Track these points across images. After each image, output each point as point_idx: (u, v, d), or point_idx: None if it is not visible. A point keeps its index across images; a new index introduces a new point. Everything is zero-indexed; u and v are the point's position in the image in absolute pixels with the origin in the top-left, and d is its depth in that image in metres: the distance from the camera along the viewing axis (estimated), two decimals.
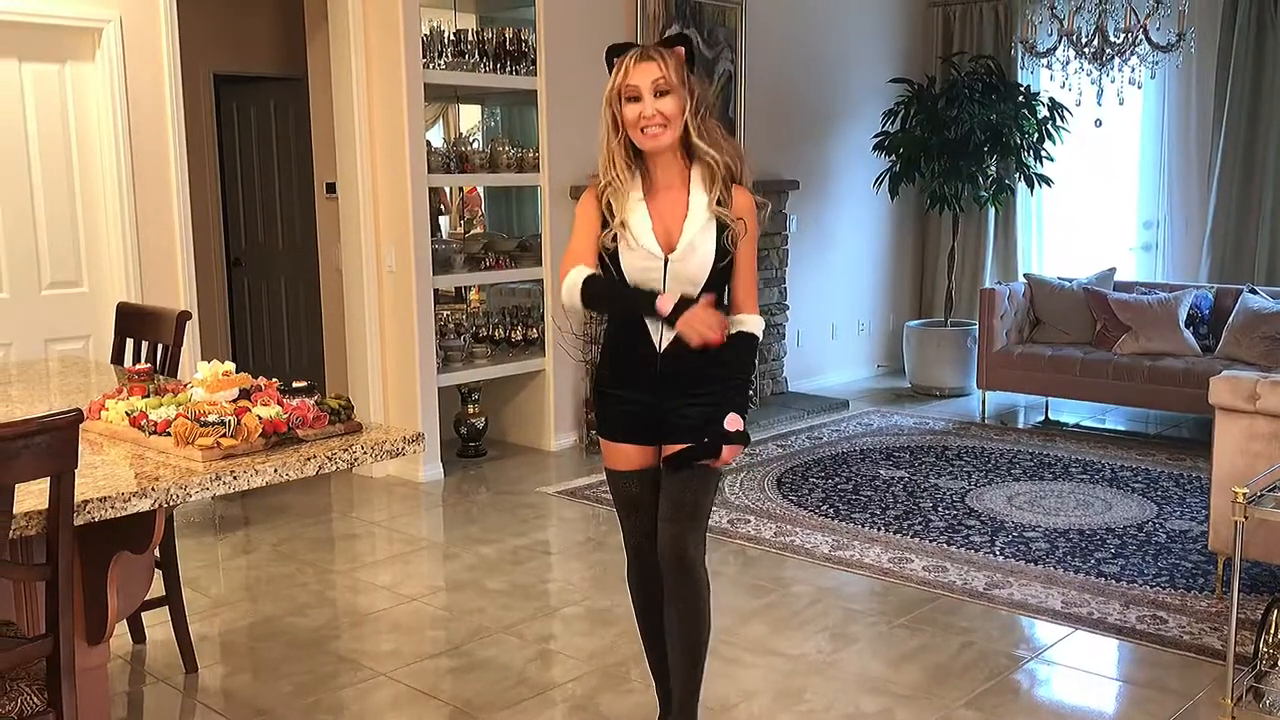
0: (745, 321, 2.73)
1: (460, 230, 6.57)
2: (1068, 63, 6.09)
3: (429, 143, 5.64)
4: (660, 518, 2.75)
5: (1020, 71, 7.75)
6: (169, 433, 2.36)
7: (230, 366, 2.60)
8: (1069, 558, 4.41)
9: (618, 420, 2.80)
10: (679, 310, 2.55)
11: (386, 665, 3.55)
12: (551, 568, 4.50)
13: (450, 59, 5.72)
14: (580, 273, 2.67)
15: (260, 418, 2.38)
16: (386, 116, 5.47)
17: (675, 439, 2.71)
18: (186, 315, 3.40)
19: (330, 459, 2.37)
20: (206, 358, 5.39)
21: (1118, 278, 7.05)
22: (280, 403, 2.49)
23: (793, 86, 7.33)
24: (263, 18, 6.88)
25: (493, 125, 6.70)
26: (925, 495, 5.27)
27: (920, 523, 4.86)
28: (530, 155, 6.08)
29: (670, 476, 2.72)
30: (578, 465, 5.91)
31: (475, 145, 6.27)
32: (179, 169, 4.87)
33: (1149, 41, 5.95)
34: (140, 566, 2.50)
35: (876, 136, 7.42)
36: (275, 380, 2.65)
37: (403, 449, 2.51)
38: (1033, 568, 4.32)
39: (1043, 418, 7.04)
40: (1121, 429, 6.76)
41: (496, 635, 3.78)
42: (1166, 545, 4.55)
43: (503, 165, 6.02)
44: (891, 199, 7.58)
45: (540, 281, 6.16)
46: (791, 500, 5.20)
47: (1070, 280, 7.03)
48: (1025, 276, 7.30)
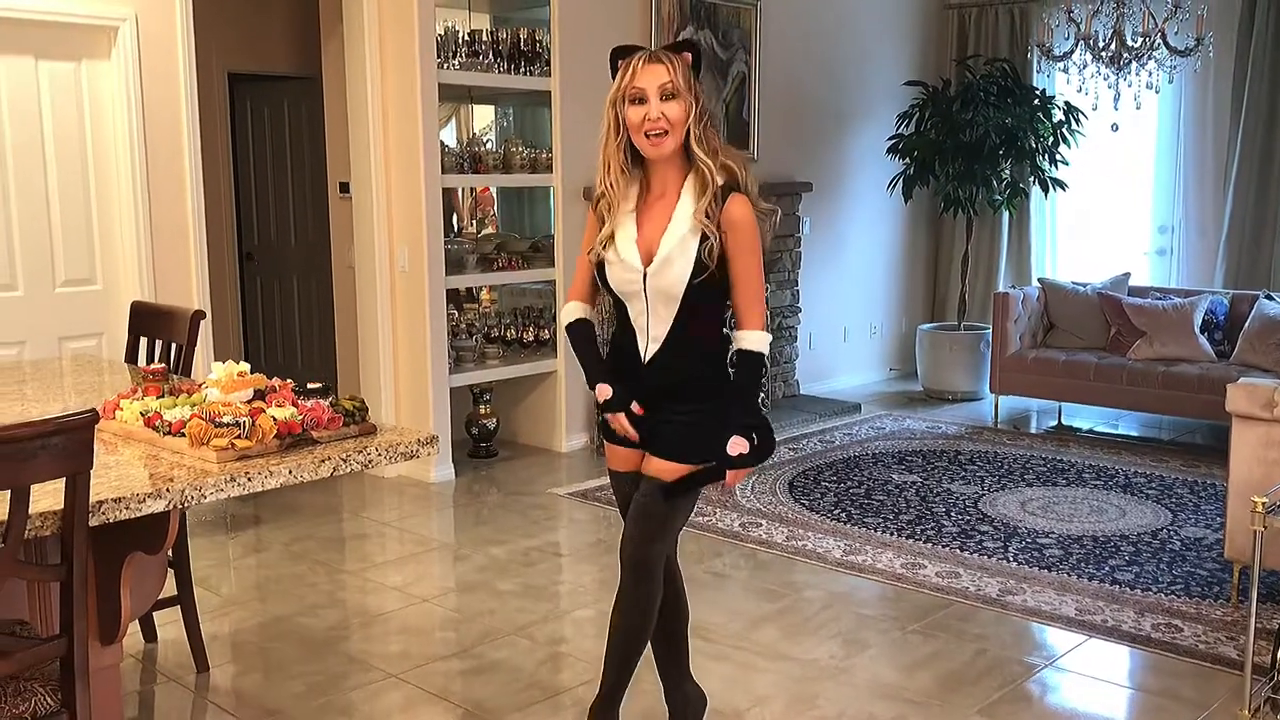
0: (743, 339, 2.64)
1: (473, 230, 6.56)
2: (1085, 66, 6.05)
3: (442, 143, 5.63)
4: (628, 522, 2.77)
5: (1036, 75, 7.72)
6: (184, 433, 2.36)
7: (245, 367, 2.59)
8: (1083, 564, 4.38)
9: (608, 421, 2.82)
10: (607, 407, 2.73)
11: (397, 666, 3.55)
12: (562, 569, 4.49)
13: (464, 59, 5.72)
14: (570, 313, 2.85)
15: (275, 419, 2.37)
16: (401, 116, 5.47)
17: (653, 447, 2.71)
18: (200, 314, 3.40)
19: (345, 461, 2.36)
20: (218, 354, 5.42)
21: (1132, 282, 7.02)
22: (295, 404, 2.48)
23: (807, 88, 7.32)
24: (277, 17, 6.89)
25: (505, 125, 6.69)
26: (938, 500, 5.24)
27: (933, 528, 4.84)
28: (544, 156, 6.08)
29: (644, 484, 2.73)
30: (589, 466, 5.90)
31: (489, 145, 6.26)
32: (193, 167, 4.87)
33: (1167, 46, 5.92)
34: (153, 566, 2.49)
35: (891, 139, 7.40)
36: (290, 381, 2.64)
37: (417, 451, 2.50)
38: (1046, 574, 4.29)
39: (1055, 423, 7.01)
40: (1135, 435, 6.73)
41: (508, 637, 3.77)
42: (1181, 553, 4.52)
43: (516, 166, 6.01)
44: (905, 202, 7.55)
45: (553, 283, 6.15)
46: (803, 504, 5.18)
47: (1084, 285, 7.00)
48: (1039, 281, 7.27)
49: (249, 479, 2.21)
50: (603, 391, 2.73)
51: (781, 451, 6.15)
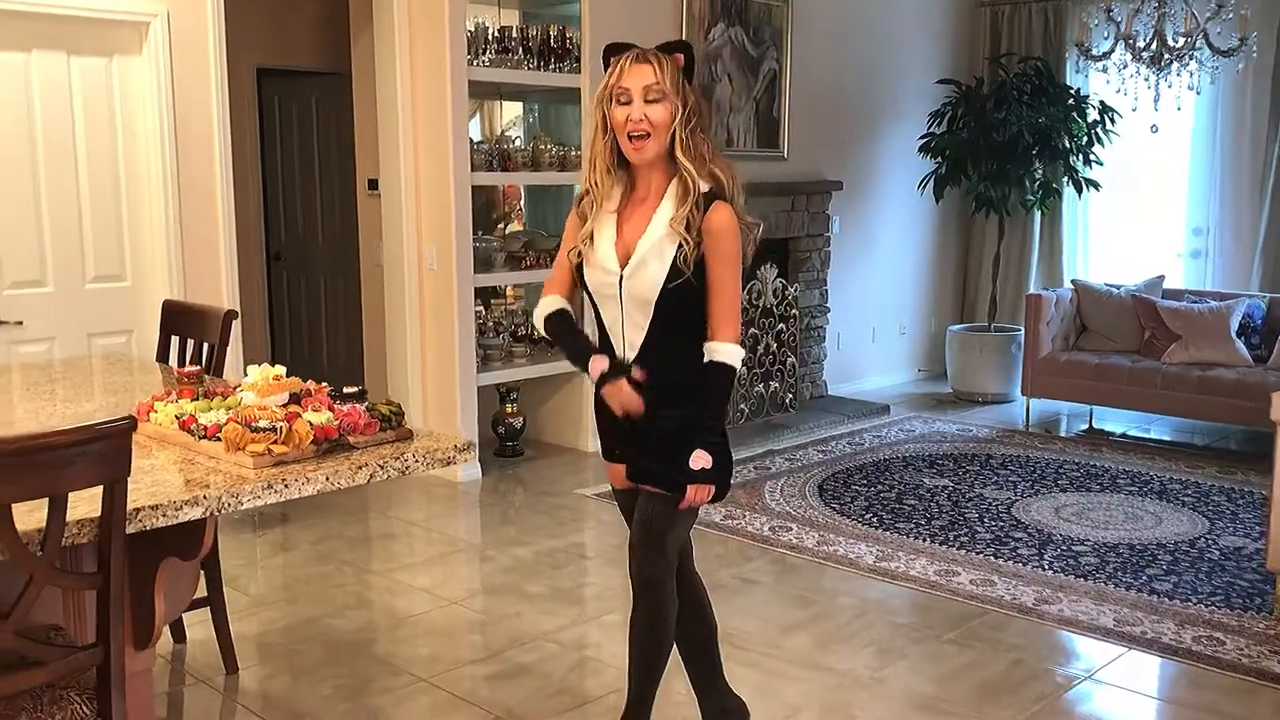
0: (716, 350, 2.57)
1: (500, 226, 6.53)
2: (1124, 66, 5.95)
3: (471, 140, 5.60)
4: (632, 536, 2.76)
5: (1070, 73, 7.62)
6: (219, 437, 2.33)
7: (281, 370, 2.56)
8: (1119, 573, 4.31)
9: (605, 438, 2.82)
10: (604, 378, 2.60)
11: (425, 670, 3.52)
12: (589, 572, 4.45)
13: (494, 55, 5.68)
14: (547, 305, 2.74)
15: (311, 424, 2.34)
16: (430, 114, 5.44)
17: (640, 457, 2.67)
18: (233, 314, 3.37)
19: (382, 468, 2.33)
20: (246, 352, 5.40)
21: (1166, 285, 6.93)
22: (331, 408, 2.45)
23: (838, 86, 7.24)
24: (306, 12, 6.87)
25: (530, 122, 6.65)
26: (970, 505, 5.18)
27: (966, 534, 4.78)
28: (573, 154, 6.03)
29: (641, 498, 2.72)
30: None
31: (517, 143, 6.22)
32: (223, 163, 4.85)
33: (1210, 46, 5.81)
34: (187, 571, 2.46)
35: (922, 138, 7.32)
36: (325, 385, 2.61)
37: (454, 458, 2.47)
38: (1082, 583, 4.22)
39: (1086, 426, 6.93)
40: (1168, 439, 6.64)
41: (535, 641, 3.73)
42: (1220, 563, 4.44)
43: (544, 164, 5.97)
44: (936, 202, 7.47)
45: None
46: (834, 508, 5.13)
47: (1118, 287, 6.91)
48: (1073, 283, 7.18)
49: (285, 485, 2.18)
50: (599, 363, 2.62)
51: (810, 454, 6.09)
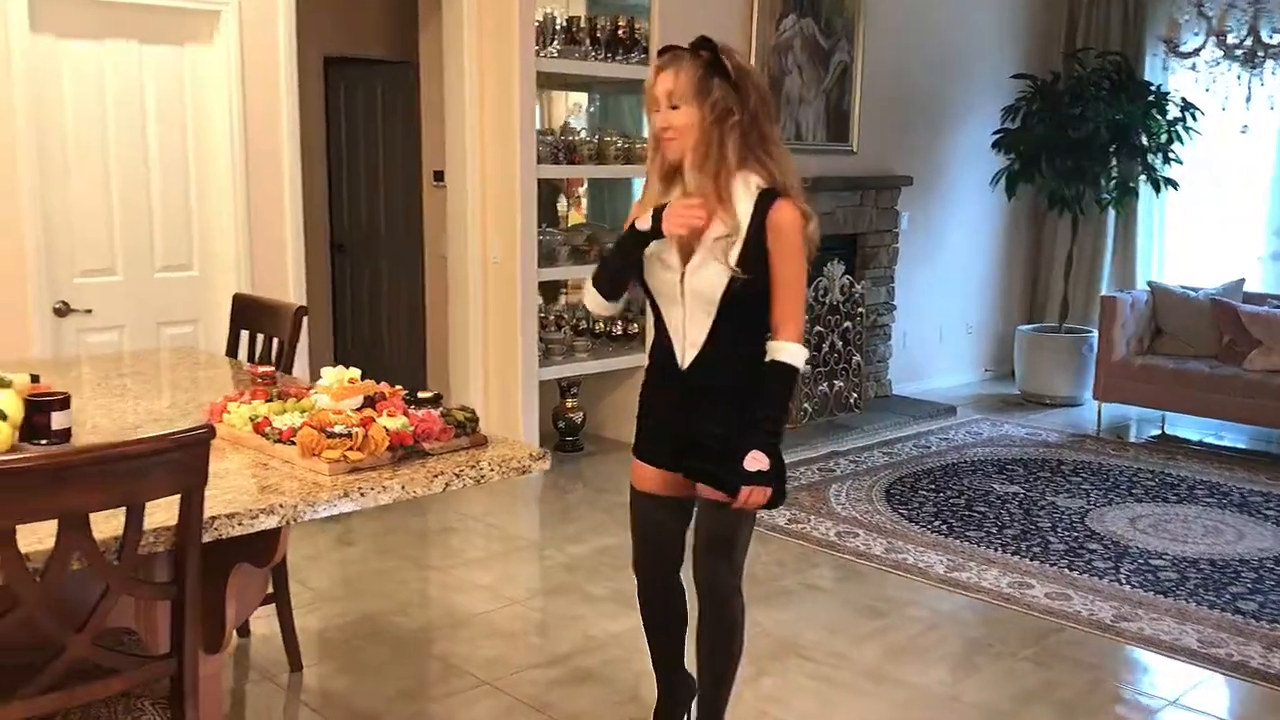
0: (779, 349, 2.54)
1: (566, 210, 6.45)
2: (1215, 64, 5.75)
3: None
4: (696, 550, 2.70)
5: (1149, 69, 7.40)
6: (293, 441, 2.28)
7: (356, 373, 2.51)
8: (1201, 590, 4.17)
9: (646, 440, 2.75)
10: (658, 220, 2.50)
11: (490, 673, 3.47)
12: None
13: (561, 46, 5.61)
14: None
15: (387, 429, 2.29)
16: (498, 105, 5.38)
17: (696, 461, 2.61)
18: (304, 311, 3.34)
19: (458, 476, 2.27)
20: (310, 342, 5.37)
21: (1246, 288, 6.71)
22: (406, 413, 2.39)
23: (910, 79, 7.09)
24: (375, 0, 6.84)
25: (592, 113, 6.58)
26: (1043, 514, 5.04)
27: (1039, 544, 4.65)
28: (637, 146, 5.95)
29: (702, 508, 2.66)
30: None
31: (581, 134, 6.15)
32: (291, 154, 4.83)
33: None
34: (258, 576, 2.43)
35: (996, 133, 7.15)
36: (400, 388, 2.56)
37: (529, 466, 2.40)
38: (1162, 600, 4.08)
39: (1158, 431, 6.74)
40: (1244, 447, 6.43)
41: (601, 646, 3.67)
42: None
43: (610, 156, 5.90)
44: (1008, 198, 7.30)
45: None
46: (901, 514, 5.01)
47: (1196, 290, 6.71)
48: (1149, 284, 6.98)
49: (362, 494, 2.13)
50: (644, 220, 2.52)
51: (876, 456, 5.98)
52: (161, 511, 1.90)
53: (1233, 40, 5.70)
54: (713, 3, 5.91)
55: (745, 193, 2.51)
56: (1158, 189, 7.00)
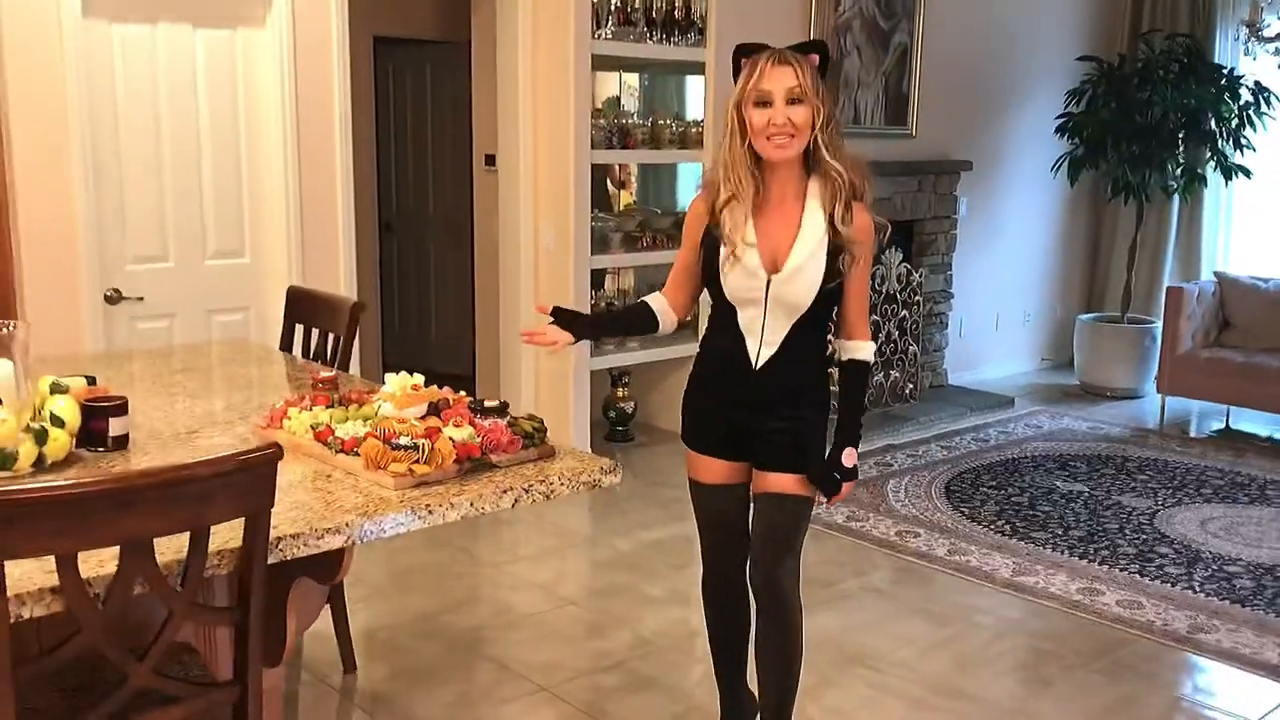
0: (859, 349, 2.63)
1: (618, 193, 6.33)
2: None
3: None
4: (754, 545, 2.68)
5: (1220, 52, 7.15)
6: (356, 452, 2.20)
7: (419, 379, 2.43)
8: None
9: (706, 432, 2.69)
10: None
11: (548, 678, 3.39)
12: None
13: (616, 27, 5.47)
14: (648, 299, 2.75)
15: (453, 441, 2.20)
16: (551, 88, 5.26)
17: (766, 460, 2.61)
18: (360, 306, 3.25)
19: (527, 491, 2.18)
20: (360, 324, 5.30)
21: None
22: (472, 423, 2.30)
23: (972, 61, 6.89)
24: None
25: (643, 95, 6.43)
26: (1109, 514, 4.89)
27: (1107, 547, 4.50)
28: (693, 131, 5.82)
29: (763, 502, 2.63)
30: None
31: (634, 118, 6.02)
32: (343, 138, 4.74)
33: None
34: (318, 588, 2.35)
35: (1059, 117, 6.94)
36: (465, 395, 2.46)
37: (599, 480, 2.31)
38: (1240, 610, 3.93)
39: (1222, 426, 6.55)
40: None
41: (660, 651, 3.59)
42: None
43: (664, 141, 5.77)
44: (1070, 185, 7.09)
45: None
46: (963, 513, 4.88)
47: (1266, 280, 6.49)
48: (1216, 275, 6.77)
49: (430, 511, 2.04)
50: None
51: (934, 450, 5.84)
52: (224, 531, 1.82)
53: None
54: None
55: (824, 195, 2.51)
56: (1228, 177, 6.77)
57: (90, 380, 2.45)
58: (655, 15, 5.59)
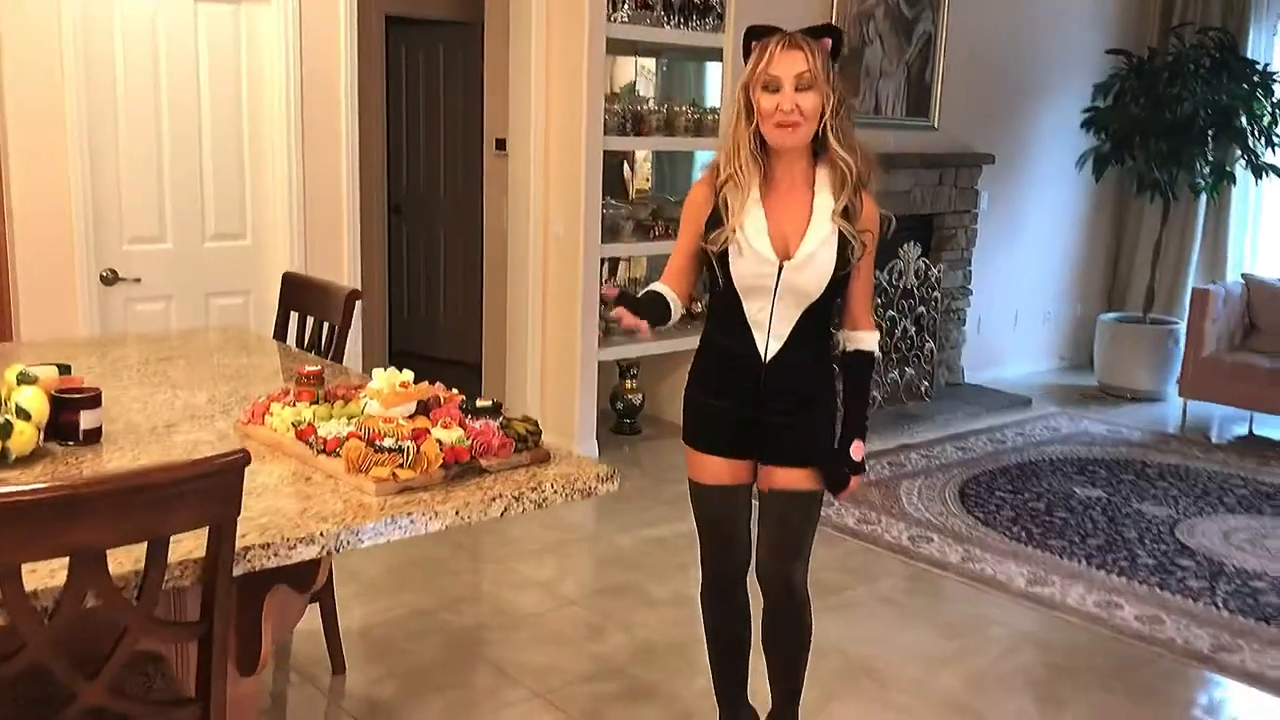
0: (864, 339, 2.59)
1: (630, 176, 6.17)
2: None
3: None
4: (763, 543, 2.61)
5: (1254, 47, 6.96)
6: (338, 453, 2.07)
7: (408, 376, 2.30)
8: None
9: (709, 429, 2.59)
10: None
11: (544, 684, 3.27)
12: None
13: (632, 11, 5.33)
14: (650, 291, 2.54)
15: (441, 443, 2.07)
16: (565, 71, 5.12)
17: (775, 455, 2.54)
18: (357, 295, 3.12)
19: (517, 499, 2.05)
20: (365, 307, 5.18)
21: None
22: (463, 424, 2.17)
23: (996, 52, 6.71)
24: None
25: (659, 80, 6.28)
26: (1128, 523, 4.74)
27: (1125, 557, 4.36)
28: (709, 118, 5.67)
29: (773, 499, 2.55)
30: None
31: (649, 104, 5.88)
32: (349, 120, 4.62)
33: None
34: (298, 597, 2.23)
35: (1086, 111, 6.76)
36: (456, 393, 2.34)
37: (594, 488, 2.18)
38: (1265, 628, 3.79)
39: (1244, 431, 6.38)
40: None
41: (662, 658, 3.46)
42: None
43: (679, 128, 5.62)
44: (1095, 181, 6.92)
45: None
46: (977, 517, 4.74)
47: None
48: (1243, 277, 6.59)
49: (411, 521, 1.92)
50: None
51: (948, 451, 5.70)
52: (189, 541, 1.70)
53: None
54: None
55: (833, 183, 2.44)
56: (1259, 176, 6.59)
57: (64, 369, 2.34)
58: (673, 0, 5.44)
